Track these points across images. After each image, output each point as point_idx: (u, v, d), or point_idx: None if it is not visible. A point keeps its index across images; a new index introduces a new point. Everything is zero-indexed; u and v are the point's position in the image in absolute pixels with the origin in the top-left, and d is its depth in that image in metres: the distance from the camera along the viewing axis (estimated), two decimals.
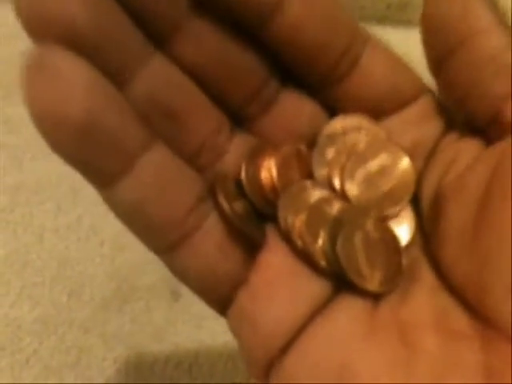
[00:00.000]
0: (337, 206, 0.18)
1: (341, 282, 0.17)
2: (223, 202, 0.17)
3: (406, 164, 0.18)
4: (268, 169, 0.18)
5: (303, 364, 0.16)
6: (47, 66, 0.14)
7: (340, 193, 0.18)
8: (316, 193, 0.18)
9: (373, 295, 0.17)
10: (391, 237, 0.17)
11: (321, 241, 0.17)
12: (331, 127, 0.19)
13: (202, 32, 0.17)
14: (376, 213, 0.18)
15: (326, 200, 0.18)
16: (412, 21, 0.47)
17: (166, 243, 0.17)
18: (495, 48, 0.17)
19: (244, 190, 0.18)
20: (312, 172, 0.19)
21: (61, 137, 0.14)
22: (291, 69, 0.19)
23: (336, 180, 0.18)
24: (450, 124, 0.19)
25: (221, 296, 0.18)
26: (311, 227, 0.17)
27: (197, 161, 0.18)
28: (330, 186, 0.18)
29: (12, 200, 0.38)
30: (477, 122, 0.17)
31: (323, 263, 0.17)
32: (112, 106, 0.15)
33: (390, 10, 0.48)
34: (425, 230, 0.18)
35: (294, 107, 0.19)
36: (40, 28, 0.15)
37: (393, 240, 0.17)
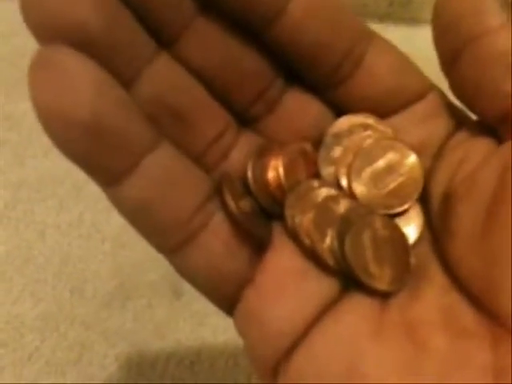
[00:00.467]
0: (344, 205, 0.18)
1: (349, 281, 0.17)
2: (230, 201, 0.17)
3: (414, 161, 0.18)
4: (275, 168, 0.18)
5: (311, 364, 0.16)
6: (54, 66, 0.14)
7: (347, 191, 0.18)
8: (323, 191, 0.18)
9: (381, 294, 0.17)
10: (400, 235, 0.17)
11: (328, 239, 0.17)
12: (337, 126, 0.19)
13: (208, 33, 0.17)
14: (384, 211, 0.18)
15: (334, 198, 0.18)
16: (415, 18, 0.47)
17: (172, 242, 0.17)
18: (506, 46, 0.16)
19: (250, 189, 0.18)
20: (318, 171, 0.19)
21: (67, 136, 0.14)
22: (296, 69, 0.19)
23: (343, 178, 0.18)
24: (460, 122, 0.19)
25: (227, 295, 0.18)
26: (319, 226, 0.17)
27: (203, 161, 0.18)
28: (337, 185, 0.18)
29: (14, 197, 0.38)
30: (488, 121, 0.17)
31: (331, 262, 0.17)
32: (119, 106, 0.15)
33: (393, 8, 0.48)
34: (433, 228, 0.18)
35: (300, 107, 0.19)
36: (47, 30, 0.15)
37: (401, 238, 0.17)
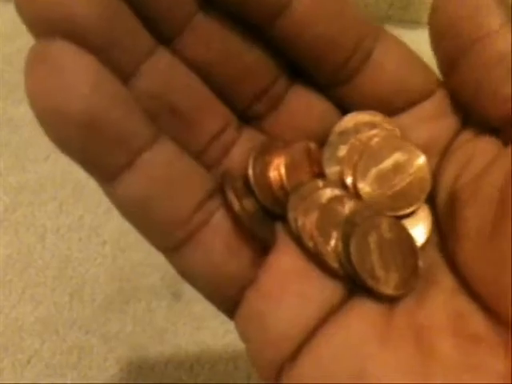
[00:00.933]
0: (349, 206, 0.17)
1: (354, 285, 0.17)
2: (233, 200, 0.17)
3: (422, 162, 0.18)
4: (277, 167, 0.18)
5: (316, 368, 0.16)
6: (50, 59, 0.14)
7: (352, 191, 0.18)
8: (327, 191, 0.18)
9: (388, 298, 0.16)
10: (407, 237, 0.17)
11: (333, 242, 0.17)
12: (343, 124, 0.18)
13: (210, 29, 0.17)
14: (391, 212, 0.17)
15: (338, 199, 0.17)
16: (415, 20, 0.47)
17: (172, 241, 0.16)
18: (506, 49, 0.16)
19: (251, 188, 0.18)
20: (322, 171, 0.18)
21: (62, 131, 0.14)
22: (300, 66, 0.18)
23: (348, 178, 0.18)
24: (466, 121, 0.18)
25: (228, 296, 0.17)
26: (323, 228, 0.17)
27: (203, 158, 0.18)
28: (342, 185, 0.18)
29: (14, 200, 0.39)
30: (489, 123, 0.17)
31: (336, 265, 0.17)
32: (116, 100, 0.15)
33: (393, 9, 0.48)
34: (441, 231, 0.17)
35: (304, 104, 0.19)
36: (42, 23, 0.14)
37: (408, 241, 0.17)
